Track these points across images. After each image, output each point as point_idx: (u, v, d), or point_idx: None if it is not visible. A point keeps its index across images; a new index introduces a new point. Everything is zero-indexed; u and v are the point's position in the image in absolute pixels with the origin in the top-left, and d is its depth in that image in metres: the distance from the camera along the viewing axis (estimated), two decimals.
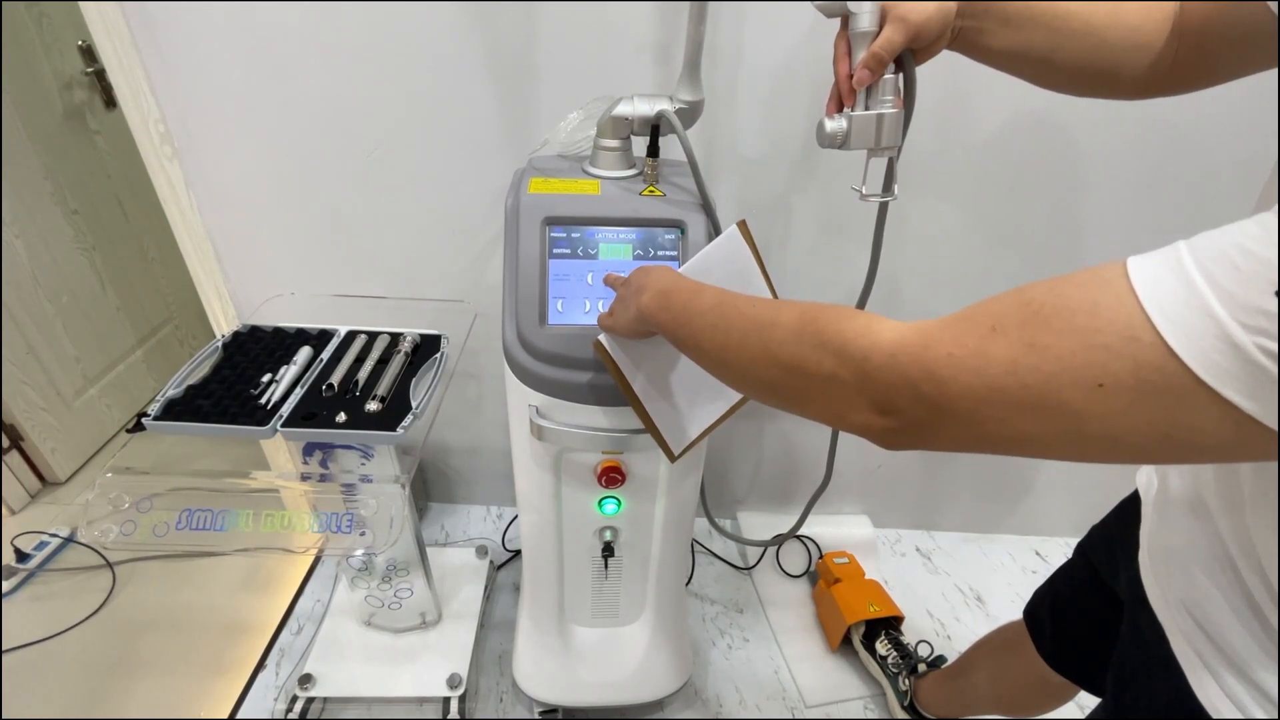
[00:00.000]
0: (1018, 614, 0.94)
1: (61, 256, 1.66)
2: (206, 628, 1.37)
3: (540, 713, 1.19)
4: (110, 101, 1.75)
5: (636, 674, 1.14)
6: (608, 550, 1.01)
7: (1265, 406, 0.30)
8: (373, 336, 1.06)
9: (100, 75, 1.68)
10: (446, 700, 1.17)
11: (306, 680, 1.16)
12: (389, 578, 1.16)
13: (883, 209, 0.77)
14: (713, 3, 0.80)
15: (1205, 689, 0.48)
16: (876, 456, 1.54)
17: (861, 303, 0.84)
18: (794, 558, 1.55)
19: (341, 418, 0.90)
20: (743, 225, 0.75)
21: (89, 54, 1.66)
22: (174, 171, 1.14)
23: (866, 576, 1.43)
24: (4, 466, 1.58)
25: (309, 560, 1.51)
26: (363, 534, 0.87)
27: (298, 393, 0.94)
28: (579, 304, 0.82)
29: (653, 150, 0.86)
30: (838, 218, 1.21)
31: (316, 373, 0.98)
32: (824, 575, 1.45)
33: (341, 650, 1.23)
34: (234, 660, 1.30)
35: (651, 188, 0.86)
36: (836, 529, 1.57)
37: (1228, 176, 1.14)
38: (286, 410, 0.90)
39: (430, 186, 1.17)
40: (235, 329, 1.06)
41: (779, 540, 1.33)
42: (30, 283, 1.58)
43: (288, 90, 1.08)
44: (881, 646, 1.28)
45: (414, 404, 0.92)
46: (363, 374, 0.97)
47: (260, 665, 1.29)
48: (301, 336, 1.06)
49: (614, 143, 0.88)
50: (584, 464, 0.91)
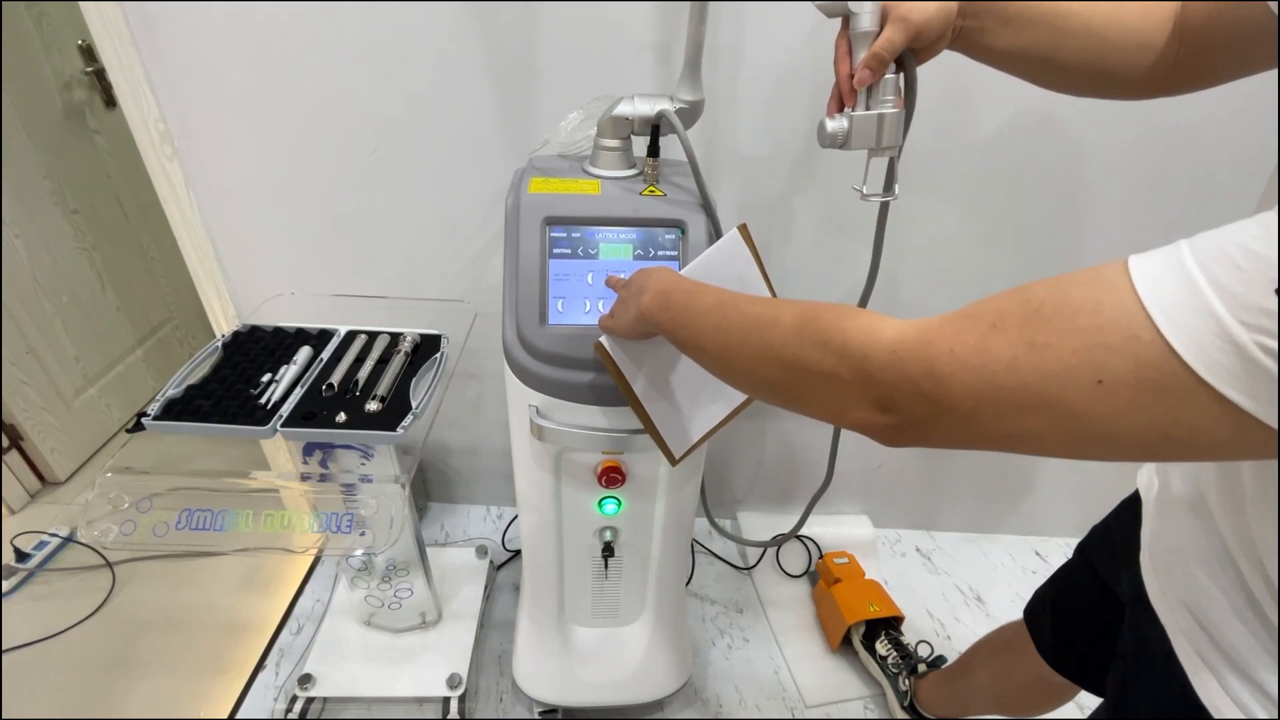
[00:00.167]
0: (1018, 614, 0.94)
1: (61, 256, 1.66)
2: (206, 627, 1.37)
3: (540, 713, 1.19)
4: (110, 101, 1.75)
5: (636, 674, 1.14)
6: (608, 550, 1.01)
7: (1265, 405, 0.30)
8: (373, 336, 1.06)
9: (100, 75, 1.68)
10: (446, 700, 1.17)
11: (306, 680, 1.16)
12: (389, 578, 1.16)
13: (884, 209, 0.77)
14: (713, 2, 0.80)
15: (1207, 689, 0.48)
16: (877, 456, 1.54)
17: (863, 302, 0.84)
18: (794, 558, 1.55)
19: (341, 418, 0.90)
20: (744, 229, 0.74)
21: (89, 53, 1.66)
22: (174, 171, 1.14)
23: (866, 577, 1.43)
24: (4, 466, 1.58)
25: (309, 560, 1.51)
26: (363, 534, 0.86)
27: (298, 392, 0.94)
28: (579, 304, 0.82)
29: (653, 150, 0.86)
30: (838, 217, 1.21)
31: (316, 372, 0.98)
32: (824, 575, 1.45)
33: (341, 650, 1.23)
34: (234, 660, 1.30)
35: (652, 188, 0.86)
36: (836, 529, 1.57)
37: (1228, 176, 1.14)
38: (286, 410, 0.90)
39: (430, 186, 1.17)
40: (235, 329, 1.06)
41: (779, 540, 1.33)
42: (30, 283, 1.58)
43: (288, 90, 1.08)
44: (881, 646, 1.28)
45: (414, 404, 0.92)
46: (363, 374, 0.97)
47: (260, 665, 1.29)
48: (301, 336, 1.06)
49: (614, 142, 0.87)
50: (584, 464, 0.91)
